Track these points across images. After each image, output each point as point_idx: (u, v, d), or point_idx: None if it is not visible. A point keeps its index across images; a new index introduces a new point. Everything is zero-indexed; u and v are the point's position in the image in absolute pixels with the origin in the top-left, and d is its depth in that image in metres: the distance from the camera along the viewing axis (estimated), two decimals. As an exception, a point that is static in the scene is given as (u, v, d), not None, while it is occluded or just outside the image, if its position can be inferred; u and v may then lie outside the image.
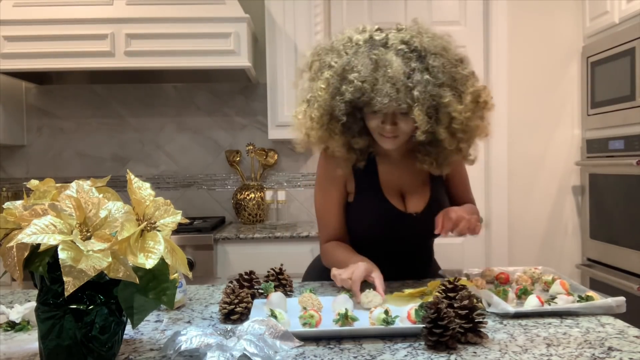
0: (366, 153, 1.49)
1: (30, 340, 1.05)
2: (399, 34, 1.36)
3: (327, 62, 1.37)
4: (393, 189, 1.51)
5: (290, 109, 2.83)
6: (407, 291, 1.28)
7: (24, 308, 1.16)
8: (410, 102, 1.29)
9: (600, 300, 1.20)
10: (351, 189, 1.52)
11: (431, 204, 1.49)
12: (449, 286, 1.07)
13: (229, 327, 0.99)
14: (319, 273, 1.61)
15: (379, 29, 1.40)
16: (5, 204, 0.89)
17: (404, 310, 1.08)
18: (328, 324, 1.07)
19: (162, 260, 0.84)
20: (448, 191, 1.58)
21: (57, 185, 0.92)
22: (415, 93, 1.28)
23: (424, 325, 0.98)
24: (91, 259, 0.78)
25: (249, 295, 1.21)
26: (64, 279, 0.76)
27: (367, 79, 1.28)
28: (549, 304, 1.19)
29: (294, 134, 1.49)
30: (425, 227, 1.46)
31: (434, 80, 1.30)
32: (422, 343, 0.99)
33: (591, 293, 1.24)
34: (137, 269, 0.83)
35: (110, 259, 0.79)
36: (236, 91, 3.16)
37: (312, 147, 1.48)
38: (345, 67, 1.33)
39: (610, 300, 1.18)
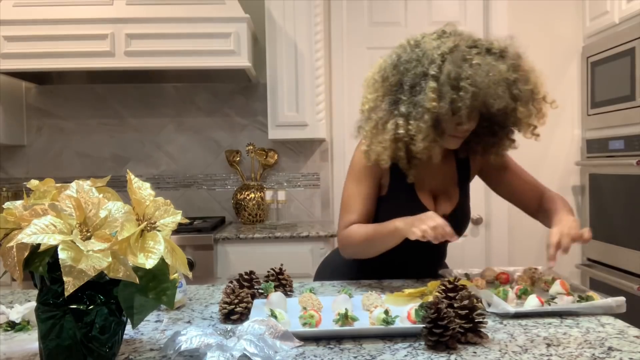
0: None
1: (30, 340, 1.05)
2: (463, 41, 1.38)
3: (420, 72, 1.35)
4: (425, 189, 1.54)
5: (291, 109, 2.84)
6: (407, 291, 1.28)
7: (24, 308, 1.16)
8: (513, 101, 1.35)
9: (600, 300, 1.20)
10: (385, 182, 1.52)
11: (459, 207, 1.56)
12: (449, 286, 1.07)
13: (229, 327, 1.00)
14: (331, 271, 1.63)
15: (444, 33, 1.42)
16: (5, 204, 0.89)
17: (404, 310, 1.08)
18: (328, 324, 1.07)
19: (162, 260, 0.84)
20: (511, 188, 1.63)
21: (57, 185, 0.92)
22: (515, 91, 1.35)
23: (424, 325, 0.98)
24: (91, 259, 0.78)
25: (249, 295, 1.21)
26: (64, 279, 0.76)
27: (479, 84, 1.30)
28: (549, 304, 1.19)
29: (372, 149, 1.43)
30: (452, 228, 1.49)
31: (521, 76, 1.37)
32: (422, 343, 0.99)
33: (591, 293, 1.25)
34: (137, 269, 0.83)
35: (110, 259, 0.79)
36: (236, 91, 3.16)
37: (418, 154, 1.42)
38: (450, 74, 1.32)
39: (610, 300, 1.18)
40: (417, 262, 1.56)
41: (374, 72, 1.45)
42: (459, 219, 1.54)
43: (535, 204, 1.63)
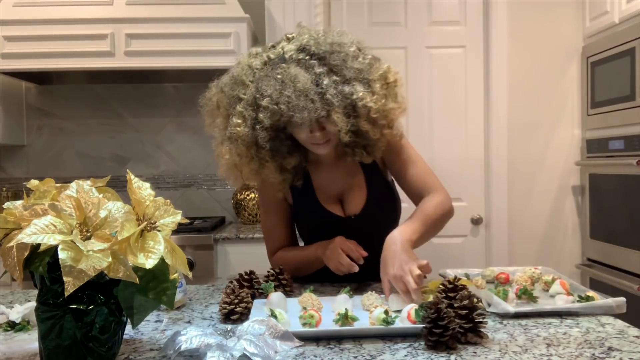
0: (300, 170, 1.50)
1: (30, 340, 1.05)
2: (291, 44, 1.35)
3: (234, 95, 1.36)
4: (329, 196, 1.52)
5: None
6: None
7: (24, 308, 1.16)
8: (327, 107, 1.28)
9: (600, 300, 1.20)
10: (288, 197, 1.55)
11: (368, 205, 1.50)
12: (449, 286, 1.07)
13: (229, 327, 1.00)
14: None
15: (272, 46, 1.41)
16: (5, 204, 0.89)
17: (404, 310, 1.08)
18: (328, 324, 1.07)
19: (162, 260, 0.84)
20: (402, 181, 1.53)
21: (57, 185, 0.92)
22: (328, 97, 1.28)
23: (424, 325, 0.98)
24: (91, 259, 0.78)
25: (249, 295, 1.21)
26: (64, 279, 0.76)
27: (280, 100, 1.27)
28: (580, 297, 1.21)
29: (225, 174, 1.46)
30: (365, 228, 1.49)
31: (340, 78, 1.31)
32: (422, 343, 0.99)
33: (591, 293, 1.24)
34: (137, 269, 0.83)
35: (110, 259, 0.79)
36: (236, 91, 3.16)
37: (248, 181, 1.48)
38: (255, 95, 1.31)
39: (610, 301, 1.18)
40: (370, 262, 1.51)
41: (211, 94, 1.46)
42: (369, 219, 1.49)
43: (415, 197, 1.52)
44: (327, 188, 1.52)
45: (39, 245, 0.80)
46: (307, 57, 1.32)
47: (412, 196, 1.53)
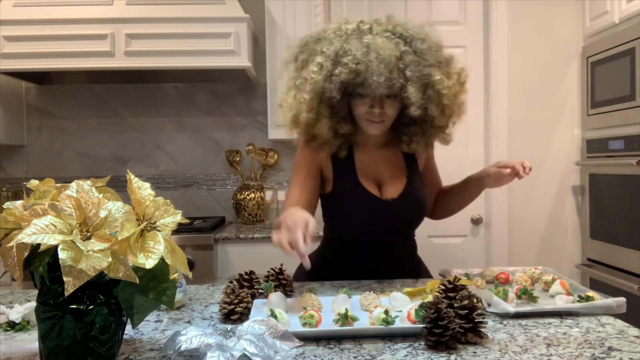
0: (347, 141, 1.54)
1: (30, 340, 1.05)
2: (381, 26, 1.46)
3: (317, 50, 1.44)
4: (369, 178, 1.54)
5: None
6: (406, 290, 1.28)
7: (24, 308, 1.16)
8: (404, 81, 1.37)
9: (600, 300, 1.20)
10: (328, 177, 1.55)
11: (406, 191, 1.54)
12: (449, 286, 1.07)
13: (229, 327, 0.99)
14: (304, 273, 1.59)
15: (362, 21, 1.49)
16: (5, 204, 0.89)
17: (404, 310, 1.08)
18: (328, 324, 1.07)
19: (162, 260, 0.84)
20: (425, 181, 1.64)
21: (57, 185, 0.92)
22: (408, 73, 1.38)
23: (424, 325, 0.98)
24: (91, 259, 0.78)
25: (249, 295, 1.21)
26: (64, 279, 0.76)
27: (361, 61, 1.35)
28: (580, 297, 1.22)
29: (281, 117, 1.53)
30: (401, 213, 1.53)
31: (423, 61, 1.40)
32: (422, 343, 0.99)
33: (591, 293, 1.24)
34: (137, 269, 0.83)
35: (110, 259, 0.79)
36: (236, 91, 3.16)
37: (298, 131, 1.53)
38: (339, 52, 1.39)
39: (610, 301, 1.18)
40: (384, 256, 1.55)
41: (294, 47, 1.53)
42: (406, 204, 1.53)
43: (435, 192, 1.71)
44: (368, 171, 1.54)
45: (39, 245, 0.80)
46: (395, 36, 1.42)
47: (435, 187, 1.69)
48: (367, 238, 1.54)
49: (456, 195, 1.67)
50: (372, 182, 1.54)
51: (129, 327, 0.92)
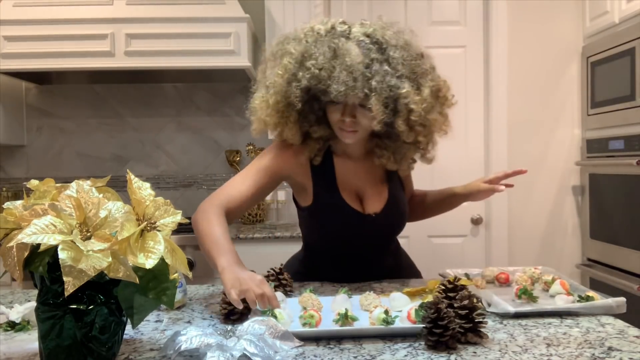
0: (323, 146, 1.47)
1: (30, 340, 1.05)
2: (361, 28, 1.36)
3: (287, 49, 1.36)
4: (350, 191, 1.48)
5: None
6: (406, 290, 1.28)
7: (24, 308, 1.16)
8: (368, 91, 1.28)
9: (600, 300, 1.20)
10: (306, 188, 1.48)
11: (389, 204, 1.49)
12: (449, 286, 1.07)
13: (229, 327, 1.00)
14: (294, 271, 1.57)
15: (343, 22, 1.40)
16: (5, 204, 0.89)
17: (404, 310, 1.08)
18: (328, 324, 1.07)
19: (162, 260, 0.84)
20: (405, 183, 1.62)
21: (57, 185, 0.92)
22: (373, 83, 1.27)
23: (424, 325, 0.98)
24: (91, 259, 0.78)
25: (249, 295, 1.21)
26: (64, 279, 0.76)
27: (324, 67, 1.28)
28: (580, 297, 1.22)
29: (252, 120, 1.47)
30: (385, 227, 1.50)
31: (392, 71, 1.30)
32: (422, 343, 0.99)
33: (591, 293, 1.25)
34: (137, 269, 0.83)
35: (110, 259, 0.79)
36: (236, 91, 3.16)
37: (268, 132, 1.49)
38: (304, 54, 1.32)
39: (610, 301, 1.18)
40: (368, 266, 1.54)
41: (272, 44, 1.45)
42: (388, 218, 1.49)
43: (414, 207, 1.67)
44: (349, 183, 1.48)
45: (39, 245, 0.80)
46: (369, 41, 1.32)
47: (409, 193, 1.66)
48: (350, 250, 1.52)
49: (436, 204, 1.65)
50: (354, 195, 1.48)
51: (129, 327, 0.92)
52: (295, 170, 1.47)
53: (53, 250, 0.80)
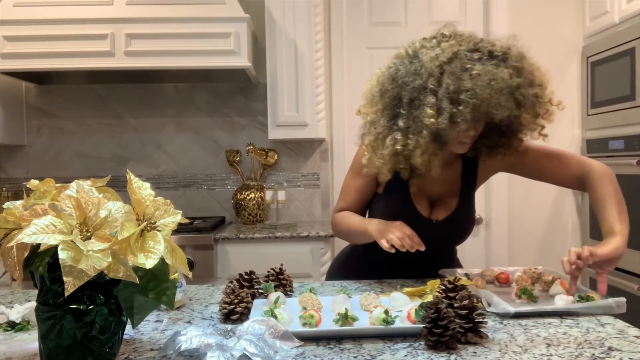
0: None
1: (30, 340, 1.05)
2: (462, 46, 1.32)
3: (418, 85, 1.31)
4: (423, 194, 1.52)
5: (291, 109, 2.84)
6: (406, 290, 1.28)
7: (24, 308, 1.16)
8: (516, 106, 1.30)
9: (600, 300, 1.20)
10: (382, 181, 1.51)
11: (455, 214, 1.52)
12: (449, 286, 1.07)
13: (229, 327, 1.00)
14: (344, 267, 1.65)
15: (450, 42, 1.35)
16: (5, 204, 0.89)
17: (404, 310, 1.08)
18: (328, 324, 1.07)
19: (162, 260, 0.84)
20: (551, 179, 1.58)
21: (57, 185, 0.92)
22: (519, 97, 1.30)
23: (424, 325, 0.98)
24: (91, 259, 0.78)
25: (249, 295, 1.21)
26: (64, 279, 0.76)
27: (482, 96, 1.26)
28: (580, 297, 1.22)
29: (369, 163, 1.42)
30: (443, 235, 1.52)
31: (525, 80, 1.32)
32: (422, 343, 0.99)
33: (591, 293, 1.25)
34: (137, 269, 0.83)
35: (110, 259, 0.79)
36: (236, 91, 3.16)
37: (398, 169, 1.42)
38: (450, 88, 1.28)
39: (610, 301, 1.18)
40: (422, 265, 1.54)
41: (373, 84, 1.41)
42: (453, 227, 1.52)
43: (574, 181, 1.55)
44: (423, 189, 1.51)
45: (39, 245, 0.80)
46: (491, 57, 1.32)
47: (570, 185, 1.58)
48: (402, 253, 1.51)
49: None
50: (425, 199, 1.53)
51: (129, 327, 0.92)
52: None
53: (53, 250, 0.80)
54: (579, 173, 1.52)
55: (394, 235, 1.34)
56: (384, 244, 1.34)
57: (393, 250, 1.34)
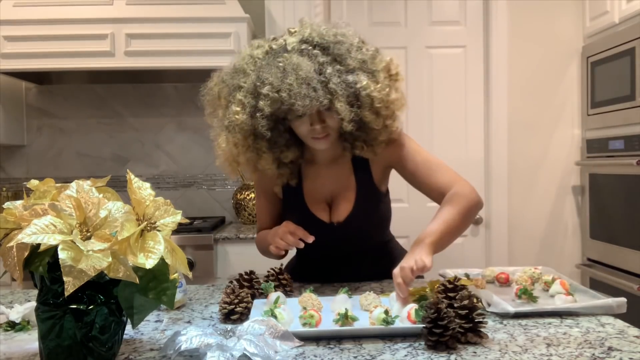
0: (297, 168, 1.49)
1: (30, 340, 1.05)
2: (295, 37, 1.33)
3: (235, 84, 1.34)
4: (318, 198, 1.49)
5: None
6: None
7: (24, 308, 1.16)
8: (330, 96, 1.27)
9: (600, 300, 1.20)
10: (278, 192, 1.55)
11: (354, 212, 1.46)
12: (449, 286, 1.07)
13: (229, 327, 1.00)
14: (300, 275, 1.60)
15: (274, 38, 1.38)
16: (5, 204, 0.89)
17: (404, 310, 1.08)
18: (328, 324, 1.07)
19: (162, 260, 0.84)
20: (419, 187, 1.48)
21: (57, 185, 0.92)
22: (332, 85, 1.26)
23: (424, 325, 0.98)
24: (91, 259, 0.78)
25: (249, 295, 1.21)
26: (64, 279, 0.76)
27: (281, 88, 1.25)
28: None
29: (221, 166, 1.44)
30: (348, 236, 1.48)
31: (344, 68, 1.29)
32: (422, 343, 0.99)
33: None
34: (137, 269, 0.83)
35: (110, 259, 0.79)
36: (236, 91, 3.16)
37: (244, 172, 1.50)
38: (256, 82, 1.29)
39: (610, 301, 1.18)
40: (356, 265, 1.54)
41: (211, 86, 1.44)
42: (353, 226, 1.47)
43: (435, 194, 1.46)
44: (317, 191, 1.49)
45: (39, 245, 0.80)
46: (310, 47, 1.30)
47: (434, 198, 1.46)
48: (324, 256, 1.54)
49: None
50: (322, 203, 1.49)
51: (129, 327, 0.92)
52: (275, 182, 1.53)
53: (53, 250, 0.80)
54: (444, 189, 1.42)
55: (278, 237, 1.37)
56: (272, 250, 1.39)
57: (283, 253, 1.40)
